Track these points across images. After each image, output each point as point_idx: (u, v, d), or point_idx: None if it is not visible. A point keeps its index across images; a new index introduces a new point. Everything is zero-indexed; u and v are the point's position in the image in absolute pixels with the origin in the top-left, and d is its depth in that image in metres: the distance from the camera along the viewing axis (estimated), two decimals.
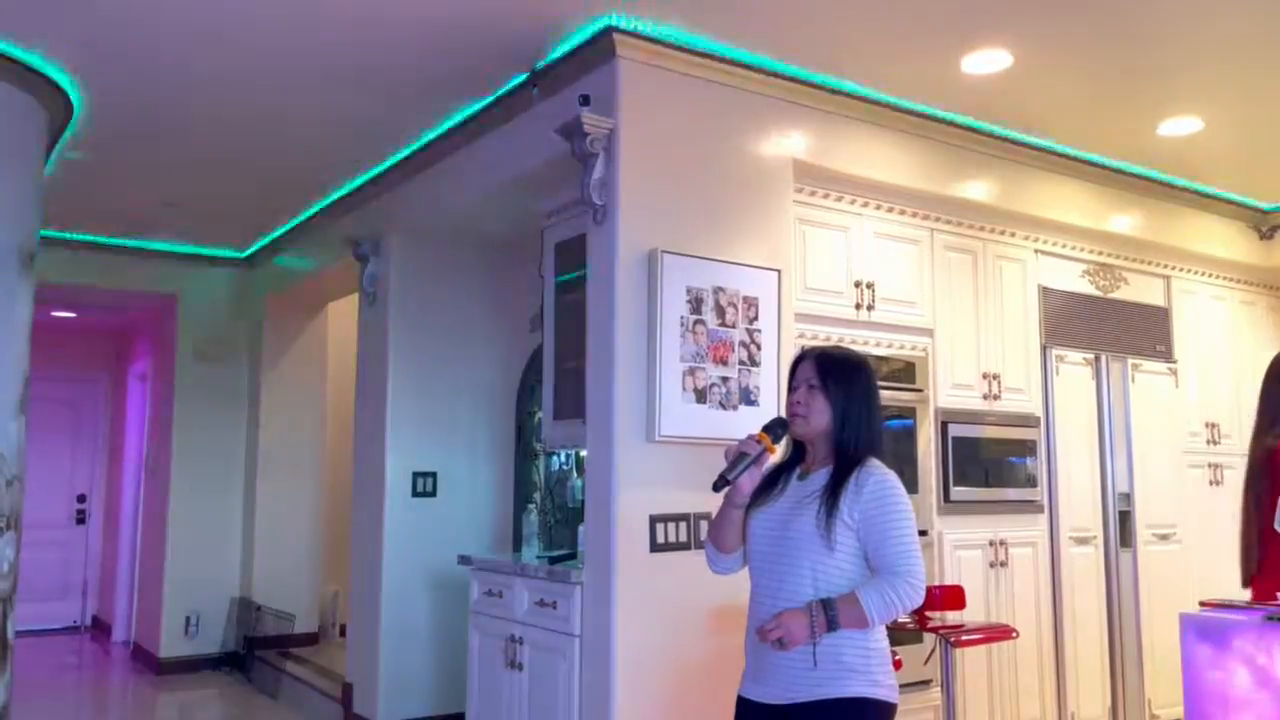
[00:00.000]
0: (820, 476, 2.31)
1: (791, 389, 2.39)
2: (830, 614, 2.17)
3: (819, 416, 2.32)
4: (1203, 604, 2.48)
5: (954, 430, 4.62)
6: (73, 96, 4.43)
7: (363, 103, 4.48)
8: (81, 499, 9.24)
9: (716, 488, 2.33)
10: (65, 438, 9.18)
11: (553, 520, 4.95)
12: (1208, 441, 5.65)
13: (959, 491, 4.59)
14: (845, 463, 2.28)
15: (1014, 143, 4.85)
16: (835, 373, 2.34)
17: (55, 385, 8.98)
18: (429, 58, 4.01)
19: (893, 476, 2.28)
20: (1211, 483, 5.61)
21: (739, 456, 2.31)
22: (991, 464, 4.75)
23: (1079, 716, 4.88)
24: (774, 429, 2.35)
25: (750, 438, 2.33)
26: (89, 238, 6.87)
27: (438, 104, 4.50)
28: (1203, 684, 2.09)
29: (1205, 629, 2.12)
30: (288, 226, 6.60)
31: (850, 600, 2.18)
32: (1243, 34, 3.82)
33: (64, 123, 4.64)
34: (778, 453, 2.40)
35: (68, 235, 6.74)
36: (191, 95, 4.43)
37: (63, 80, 4.28)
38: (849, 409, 2.31)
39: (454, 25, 3.74)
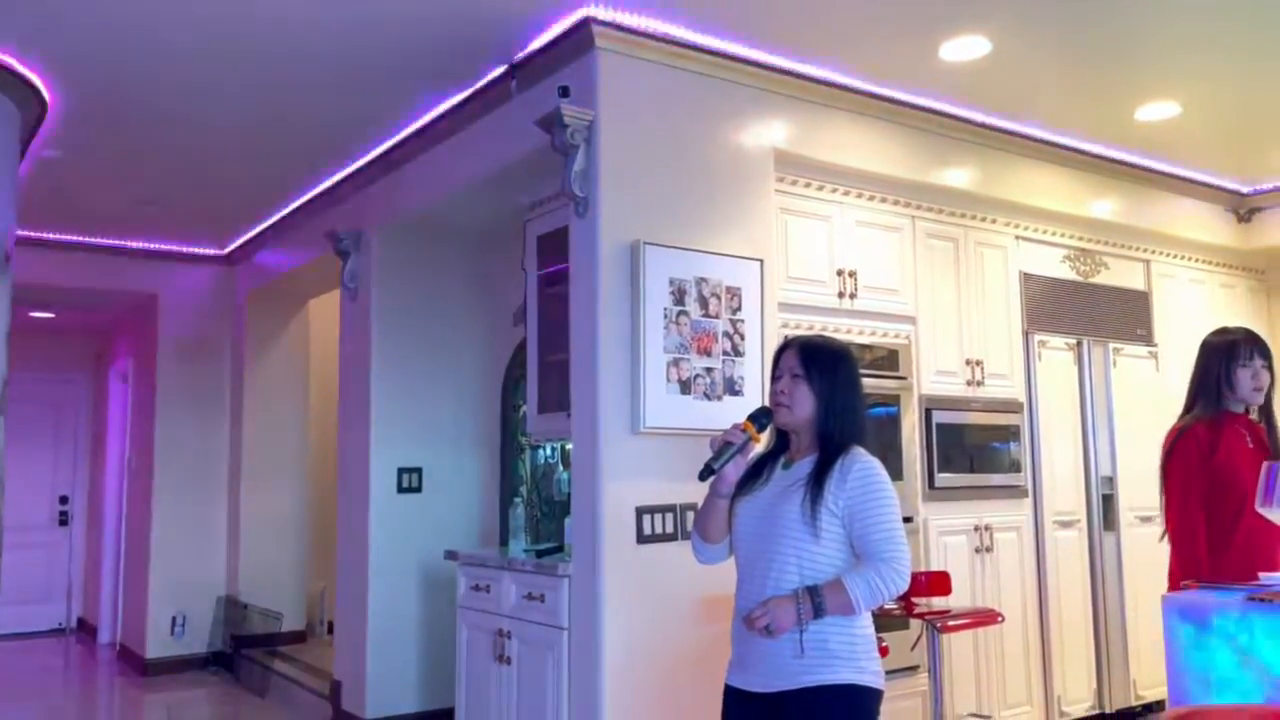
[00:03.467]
0: (805, 465, 2.32)
1: (775, 378, 2.40)
2: (817, 601, 2.18)
3: (803, 405, 2.33)
4: (1184, 585, 2.50)
5: (938, 417, 4.64)
6: (46, 95, 4.38)
7: (340, 97, 4.45)
8: (64, 500, 9.17)
9: (702, 477, 2.34)
10: (46, 439, 9.10)
11: (539, 513, 4.95)
12: None
13: (943, 478, 4.62)
14: (830, 451, 2.29)
15: (993, 129, 4.86)
16: (819, 362, 2.35)
17: (35, 386, 8.90)
18: (407, 51, 3.99)
19: (877, 464, 2.29)
20: None
21: (724, 446, 2.32)
22: (975, 450, 4.77)
23: (1065, 699, 4.92)
24: (758, 418, 2.36)
25: (735, 427, 2.34)
26: (66, 237, 6.80)
27: (416, 98, 4.47)
28: (1185, 665, 2.11)
29: (1187, 610, 2.14)
30: (267, 223, 6.56)
31: (836, 587, 2.19)
32: (1218, 18, 3.84)
33: (38, 121, 4.59)
34: (762, 441, 2.41)
35: (44, 235, 6.67)
36: (166, 93, 4.39)
37: (36, 79, 4.23)
38: (833, 398, 2.32)
39: (431, 18, 3.72)
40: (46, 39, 3.89)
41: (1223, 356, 3.13)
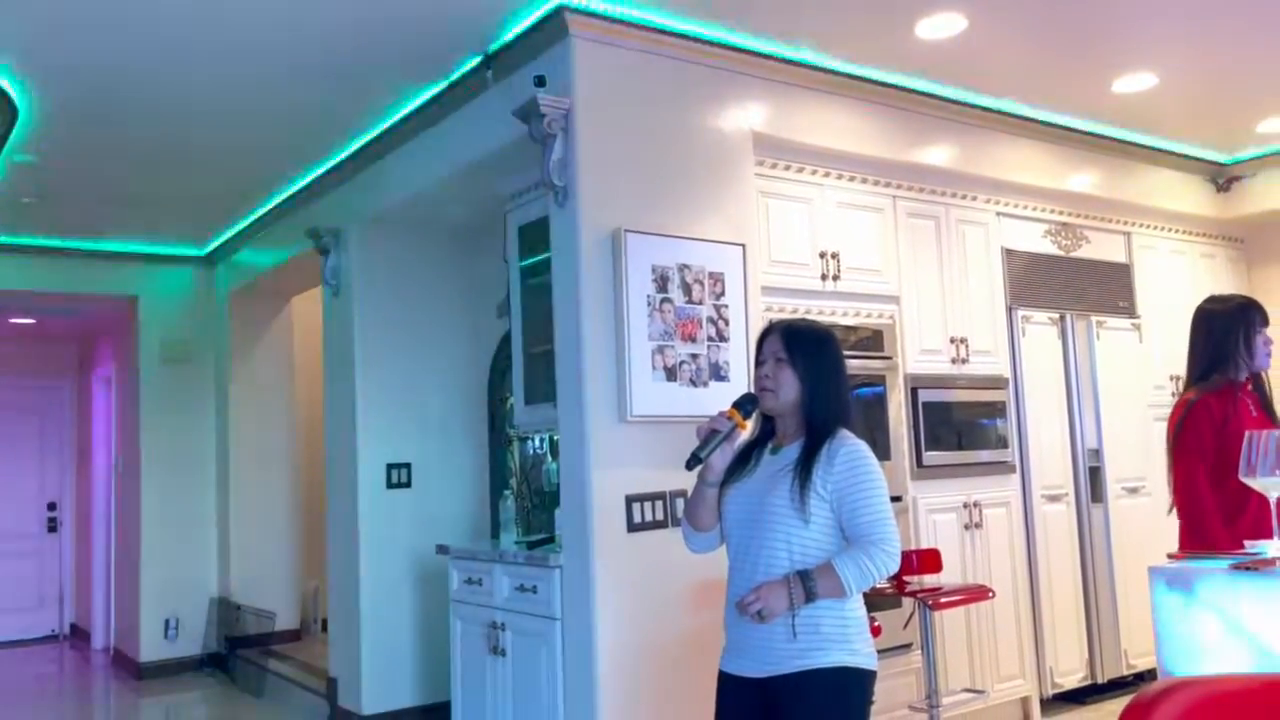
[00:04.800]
0: (792, 450, 2.32)
1: (759, 363, 2.39)
2: (808, 585, 2.18)
3: (788, 390, 2.33)
4: (1171, 555, 2.51)
5: (924, 395, 4.65)
6: (18, 99, 4.34)
7: (316, 92, 4.41)
8: (52, 507, 9.13)
9: (689, 466, 2.34)
10: (32, 446, 9.05)
11: (530, 505, 4.95)
12: (1173, 394, 5.71)
13: (931, 456, 4.63)
14: (816, 435, 2.29)
15: (971, 106, 4.86)
16: (802, 345, 2.34)
17: (19, 393, 8.86)
18: (382, 44, 3.96)
19: (864, 446, 2.29)
20: None
21: (710, 434, 2.32)
22: (962, 427, 4.79)
23: (1057, 671, 4.95)
24: (743, 404, 2.36)
25: (720, 414, 2.34)
26: (44, 241, 6.74)
27: (392, 90, 4.44)
28: (1174, 635, 2.13)
29: (1174, 580, 2.15)
30: (246, 221, 6.52)
31: (827, 570, 2.19)
32: None
33: (9, 126, 4.54)
34: (748, 428, 2.40)
35: (21, 240, 6.61)
36: (140, 92, 4.34)
37: (5, 83, 4.18)
38: (817, 381, 2.32)
39: (405, 9, 3.69)
40: (17, 42, 3.84)
41: (1239, 323, 3.12)
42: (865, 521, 2.22)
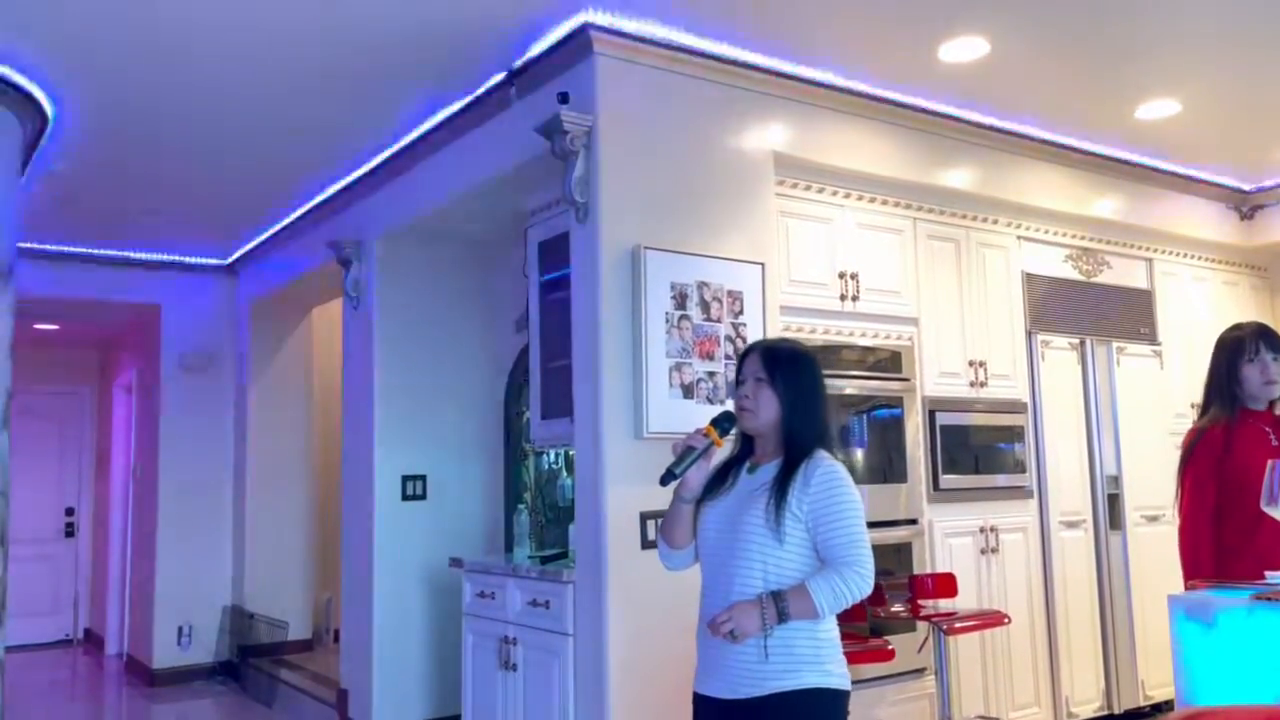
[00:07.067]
0: (769, 469, 2.31)
1: (739, 383, 2.39)
2: (781, 606, 2.16)
3: (767, 410, 2.32)
4: (1192, 584, 2.49)
5: (942, 418, 4.63)
6: (48, 108, 4.40)
7: (341, 105, 4.46)
8: (70, 512, 9.19)
9: (663, 482, 2.33)
10: (52, 451, 9.12)
11: (544, 520, 4.94)
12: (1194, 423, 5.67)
13: (948, 479, 4.60)
14: (793, 455, 2.28)
15: (994, 130, 4.86)
16: (782, 366, 2.33)
17: (40, 399, 8.93)
18: (406, 59, 3.99)
19: (840, 468, 2.28)
20: None
21: (686, 450, 2.31)
22: (980, 451, 4.76)
23: (1073, 700, 4.90)
24: (721, 422, 2.35)
25: (697, 431, 2.33)
26: (68, 248, 6.82)
27: (416, 105, 4.48)
28: (1193, 665, 2.10)
29: (1194, 609, 2.13)
30: (269, 232, 6.58)
31: (800, 592, 2.18)
32: (1216, 16, 3.84)
33: (39, 134, 4.60)
34: (725, 446, 2.39)
35: (46, 246, 6.69)
36: (167, 103, 4.40)
37: (37, 91, 4.24)
38: (796, 402, 2.31)
39: (430, 26, 3.72)
40: (47, 52, 3.90)
41: (1228, 354, 3.07)
42: (840, 543, 2.20)
